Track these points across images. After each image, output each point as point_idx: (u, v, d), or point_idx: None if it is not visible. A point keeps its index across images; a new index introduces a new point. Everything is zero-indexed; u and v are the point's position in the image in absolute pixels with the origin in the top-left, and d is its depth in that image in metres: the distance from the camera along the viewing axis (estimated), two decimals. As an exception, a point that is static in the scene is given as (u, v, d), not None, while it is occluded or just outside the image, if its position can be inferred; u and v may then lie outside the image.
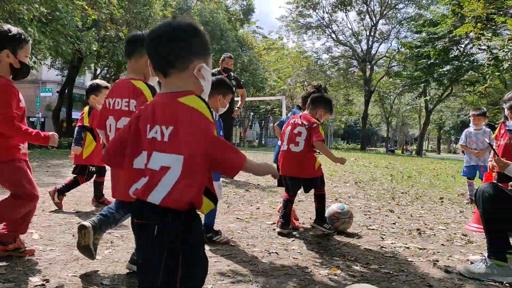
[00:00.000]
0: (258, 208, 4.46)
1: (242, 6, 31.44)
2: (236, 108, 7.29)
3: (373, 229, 3.82)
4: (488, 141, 3.27)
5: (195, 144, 1.28)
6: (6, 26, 2.40)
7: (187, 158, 1.27)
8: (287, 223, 3.38)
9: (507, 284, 2.46)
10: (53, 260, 2.48)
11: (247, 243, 3.09)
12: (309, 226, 3.66)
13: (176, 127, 1.30)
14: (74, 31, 12.44)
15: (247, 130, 34.03)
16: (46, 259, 2.50)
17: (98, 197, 4.29)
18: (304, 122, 3.47)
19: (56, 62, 21.45)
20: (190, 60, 1.38)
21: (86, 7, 12.74)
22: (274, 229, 3.50)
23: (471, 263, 2.79)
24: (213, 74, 6.73)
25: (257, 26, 36.30)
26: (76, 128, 4.10)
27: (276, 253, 2.86)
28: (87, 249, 2.23)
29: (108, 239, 2.94)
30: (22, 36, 2.42)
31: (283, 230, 3.34)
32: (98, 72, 20.04)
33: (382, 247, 3.18)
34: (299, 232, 3.49)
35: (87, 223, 2.23)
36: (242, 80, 23.08)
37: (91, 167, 4.13)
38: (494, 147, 2.89)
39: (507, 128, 2.85)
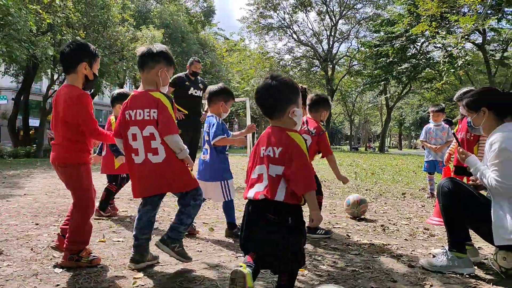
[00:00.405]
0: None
1: (203, 8, 31.27)
2: (204, 112, 7.22)
3: (339, 227, 3.87)
4: (452, 132, 3.34)
5: (290, 161, 1.95)
6: (84, 41, 2.71)
7: (285, 168, 1.96)
8: None
9: (467, 276, 2.54)
10: (10, 277, 2.36)
11: (213, 248, 3.05)
12: None
13: (283, 148, 1.98)
14: (28, 36, 12.00)
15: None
16: (2, 275, 2.37)
17: (103, 208, 4.11)
18: (312, 130, 3.55)
19: (11, 69, 20.63)
20: (288, 107, 2.04)
21: (40, 11, 12.31)
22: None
23: (433, 256, 2.86)
24: (180, 78, 6.71)
25: (218, 28, 36.29)
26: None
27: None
28: None
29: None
30: (96, 51, 2.69)
31: None
32: (55, 77, 19.40)
33: (348, 245, 3.22)
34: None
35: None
36: (206, 82, 22.90)
37: (122, 175, 4.23)
38: (457, 137, 2.99)
39: (467, 125, 2.94)
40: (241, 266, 1.87)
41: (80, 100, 2.53)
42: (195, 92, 6.83)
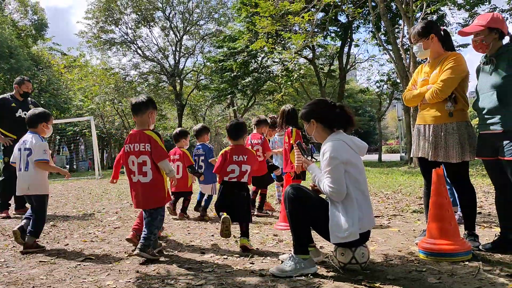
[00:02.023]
0: (67, 244, 4.00)
1: (33, 21, 28.39)
2: None
3: (193, 245, 3.81)
4: (297, 142, 3.64)
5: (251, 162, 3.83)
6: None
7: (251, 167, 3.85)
8: None
9: (311, 276, 2.71)
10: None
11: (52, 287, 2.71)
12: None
13: (248, 156, 3.79)
14: None
15: (54, 157, 30.76)
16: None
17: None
18: (257, 141, 5.85)
19: None
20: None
21: None
22: (84, 267, 3.16)
23: (282, 262, 2.99)
24: (5, 99, 5.89)
25: (53, 43, 33.24)
26: (189, 167, 5.35)
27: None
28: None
29: None
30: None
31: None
32: None
33: (202, 262, 3.18)
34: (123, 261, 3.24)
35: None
36: (42, 102, 20.83)
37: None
38: (302, 147, 3.22)
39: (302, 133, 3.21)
40: (224, 215, 3.48)
41: None
42: (25, 114, 6.08)
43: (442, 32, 3.50)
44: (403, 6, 13.99)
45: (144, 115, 3.46)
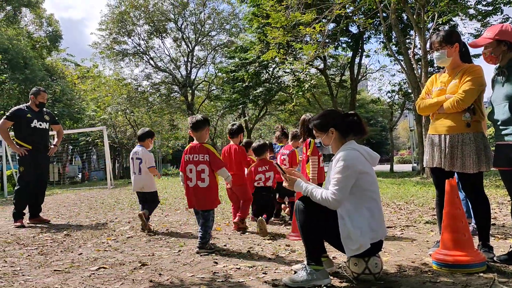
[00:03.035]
0: (81, 253, 4.04)
1: (48, 32, 28.88)
2: (53, 146, 6.59)
3: (206, 254, 3.83)
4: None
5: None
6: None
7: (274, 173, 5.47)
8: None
9: (324, 287, 2.70)
10: None
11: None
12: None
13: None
14: None
15: (66, 166, 31.09)
16: None
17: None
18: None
19: None
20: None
21: None
22: (97, 276, 3.20)
23: (295, 272, 2.99)
24: (20, 110, 6.02)
25: (67, 54, 33.77)
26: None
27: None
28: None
29: None
30: None
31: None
32: None
33: (215, 272, 3.19)
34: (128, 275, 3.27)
35: None
36: (55, 112, 21.10)
37: None
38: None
39: (316, 145, 3.18)
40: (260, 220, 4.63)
41: None
42: (40, 125, 6.22)
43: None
44: (414, 16, 13.98)
45: (202, 131, 4.16)
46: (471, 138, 3.27)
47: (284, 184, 3.06)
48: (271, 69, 25.27)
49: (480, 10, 17.21)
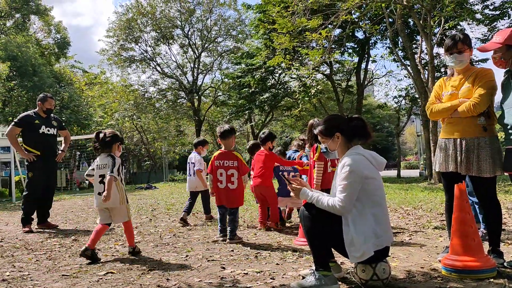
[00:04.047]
0: (89, 258, 4.04)
1: (56, 39, 29.14)
2: (60, 152, 6.64)
3: (213, 260, 3.82)
4: (280, 173, 3.85)
5: None
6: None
7: None
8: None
9: (333, 287, 2.69)
10: None
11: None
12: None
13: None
14: None
15: (74, 172, 31.22)
16: None
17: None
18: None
19: None
20: None
21: None
22: (108, 279, 3.20)
23: (303, 278, 2.98)
24: (28, 116, 6.07)
25: (75, 61, 34.03)
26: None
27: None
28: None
29: None
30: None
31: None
32: None
33: (222, 277, 3.18)
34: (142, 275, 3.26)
35: None
36: (63, 118, 21.22)
37: None
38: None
39: (321, 151, 3.15)
40: None
41: None
42: (48, 131, 6.27)
43: None
44: (421, 21, 13.96)
45: (229, 139, 4.79)
46: (487, 142, 3.25)
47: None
48: (277, 74, 25.30)
49: (487, 14, 17.16)
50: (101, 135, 4.22)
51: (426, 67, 14.20)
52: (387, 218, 2.81)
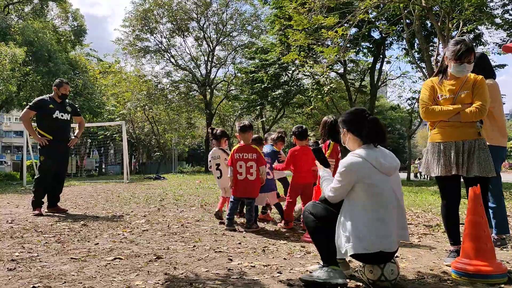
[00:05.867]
0: (97, 243, 4.08)
1: (73, 27, 29.30)
2: (73, 137, 6.68)
3: (221, 251, 3.82)
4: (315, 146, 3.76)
5: None
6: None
7: None
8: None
9: (340, 281, 2.68)
10: None
11: (83, 285, 2.75)
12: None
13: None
14: None
15: (84, 159, 31.49)
16: None
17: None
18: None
19: None
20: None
21: None
22: (113, 267, 3.22)
23: (310, 273, 2.96)
24: (43, 100, 6.12)
25: (91, 49, 34.21)
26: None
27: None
28: None
29: None
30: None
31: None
32: None
33: (230, 269, 3.18)
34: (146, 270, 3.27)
35: None
36: (76, 105, 21.26)
37: None
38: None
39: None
40: None
41: None
42: (61, 116, 6.31)
43: None
44: (438, 24, 13.78)
45: (248, 134, 5.10)
46: (485, 143, 3.42)
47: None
48: (290, 71, 25.22)
49: (507, 19, 16.89)
50: (214, 130, 5.83)
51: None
52: (384, 224, 2.66)
